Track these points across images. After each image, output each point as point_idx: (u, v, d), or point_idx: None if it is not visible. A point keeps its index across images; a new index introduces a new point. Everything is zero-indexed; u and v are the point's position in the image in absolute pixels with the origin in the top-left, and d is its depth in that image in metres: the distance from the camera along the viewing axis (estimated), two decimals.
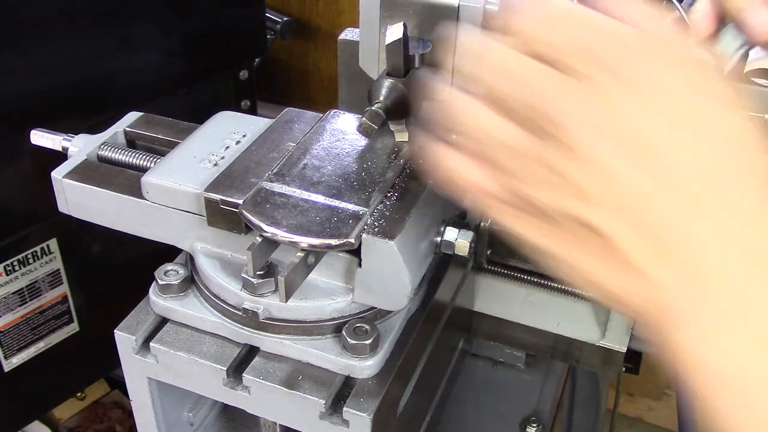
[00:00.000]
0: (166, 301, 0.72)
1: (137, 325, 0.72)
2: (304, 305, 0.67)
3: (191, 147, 0.75)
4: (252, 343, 0.70)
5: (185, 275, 0.72)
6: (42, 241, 1.10)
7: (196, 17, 1.25)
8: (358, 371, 0.66)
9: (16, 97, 1.02)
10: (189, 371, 0.70)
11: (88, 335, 1.22)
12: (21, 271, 1.10)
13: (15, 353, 1.14)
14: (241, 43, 1.36)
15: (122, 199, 0.73)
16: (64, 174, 0.75)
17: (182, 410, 0.83)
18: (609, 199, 0.36)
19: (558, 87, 0.35)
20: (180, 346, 0.70)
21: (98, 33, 1.09)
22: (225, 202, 0.66)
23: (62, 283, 1.16)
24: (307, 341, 0.68)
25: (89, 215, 0.76)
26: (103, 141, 0.80)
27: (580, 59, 0.34)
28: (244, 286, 0.68)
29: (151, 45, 1.19)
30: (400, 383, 0.72)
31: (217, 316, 0.70)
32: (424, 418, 0.86)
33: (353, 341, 0.66)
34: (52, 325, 1.17)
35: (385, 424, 0.68)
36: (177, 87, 1.23)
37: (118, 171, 0.76)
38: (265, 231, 0.61)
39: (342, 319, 0.68)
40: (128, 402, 0.78)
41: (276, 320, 0.68)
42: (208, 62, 1.28)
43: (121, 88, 1.14)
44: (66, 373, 1.25)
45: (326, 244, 0.60)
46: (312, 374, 0.67)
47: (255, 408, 0.70)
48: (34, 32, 1.01)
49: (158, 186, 0.70)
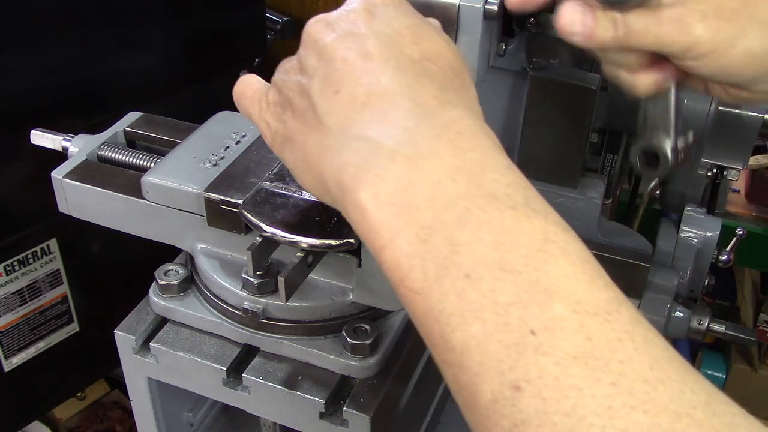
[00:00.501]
0: (166, 301, 0.72)
1: (137, 325, 0.72)
2: (304, 305, 0.67)
3: (191, 147, 0.75)
4: (252, 343, 0.70)
5: (185, 275, 0.72)
6: (42, 241, 1.10)
7: (196, 17, 1.25)
8: (358, 371, 0.66)
9: (16, 97, 1.02)
10: (189, 371, 0.70)
11: (88, 335, 1.22)
12: (21, 271, 1.10)
13: (15, 353, 1.14)
14: (241, 43, 1.36)
15: (122, 199, 0.73)
16: (64, 174, 0.75)
17: (182, 410, 0.83)
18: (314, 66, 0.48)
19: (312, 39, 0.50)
20: (180, 346, 0.70)
21: (98, 33, 1.09)
22: (225, 202, 0.67)
23: (62, 283, 1.16)
24: (307, 341, 0.68)
25: (89, 215, 0.76)
26: (103, 141, 0.80)
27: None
28: (244, 286, 0.68)
29: (152, 45, 1.19)
30: (400, 383, 0.72)
31: (217, 316, 0.70)
32: (424, 418, 0.86)
33: (353, 341, 0.66)
34: (52, 325, 1.17)
35: (385, 424, 0.68)
36: (177, 87, 1.23)
37: (118, 171, 0.76)
38: (265, 231, 0.61)
39: (342, 319, 0.68)
40: (128, 402, 0.78)
41: (276, 320, 0.68)
42: (208, 62, 1.28)
43: (121, 88, 1.14)
44: (66, 373, 1.25)
45: (326, 244, 0.60)
46: (312, 374, 0.67)
47: (255, 408, 0.70)
48: (34, 32, 1.01)
49: (158, 186, 0.70)
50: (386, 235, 0.41)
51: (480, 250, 0.38)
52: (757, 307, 1.83)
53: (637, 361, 0.35)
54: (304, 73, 0.49)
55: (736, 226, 1.25)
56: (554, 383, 0.34)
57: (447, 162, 0.41)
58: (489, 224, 0.38)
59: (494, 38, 0.65)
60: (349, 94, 0.45)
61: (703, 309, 0.72)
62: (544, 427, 0.34)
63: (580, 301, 0.36)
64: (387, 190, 0.41)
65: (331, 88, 0.46)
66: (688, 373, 0.35)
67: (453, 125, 0.43)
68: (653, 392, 0.34)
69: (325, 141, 0.46)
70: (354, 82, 0.46)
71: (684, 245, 0.73)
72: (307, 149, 0.48)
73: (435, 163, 0.41)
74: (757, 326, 1.81)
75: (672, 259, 0.73)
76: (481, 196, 0.40)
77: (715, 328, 0.72)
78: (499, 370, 0.36)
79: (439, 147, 0.42)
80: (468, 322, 0.37)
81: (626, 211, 0.99)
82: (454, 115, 0.44)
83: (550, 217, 0.40)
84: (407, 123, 0.43)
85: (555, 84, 0.70)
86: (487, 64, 0.65)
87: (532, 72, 0.70)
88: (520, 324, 0.36)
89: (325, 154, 0.46)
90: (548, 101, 0.70)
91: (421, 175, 0.41)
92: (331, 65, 0.47)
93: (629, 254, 0.70)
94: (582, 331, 0.35)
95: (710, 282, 0.76)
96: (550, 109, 0.71)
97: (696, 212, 0.75)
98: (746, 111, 0.77)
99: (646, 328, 0.37)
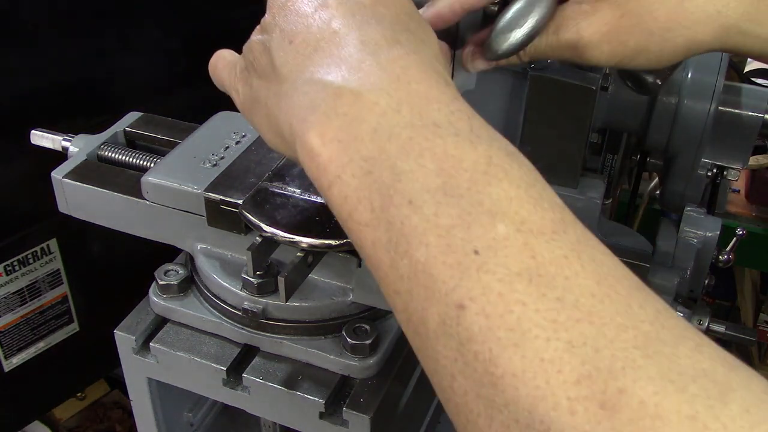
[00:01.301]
0: (166, 301, 0.72)
1: (137, 325, 0.72)
2: (304, 305, 0.67)
3: (191, 147, 0.75)
4: (252, 343, 0.70)
5: (185, 275, 0.72)
6: (42, 241, 1.10)
7: (196, 17, 1.25)
8: (358, 371, 0.66)
9: (16, 97, 1.02)
10: (189, 371, 0.70)
11: (88, 335, 1.22)
12: (21, 271, 1.09)
13: (15, 353, 1.14)
14: (241, 43, 1.36)
15: (122, 199, 0.73)
16: (64, 174, 0.75)
17: (182, 410, 0.83)
18: (273, 23, 0.49)
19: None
20: (180, 347, 0.70)
21: (98, 33, 1.09)
22: (225, 202, 0.67)
23: (62, 283, 1.16)
24: (307, 341, 0.68)
25: (89, 215, 0.76)
26: (103, 141, 0.80)
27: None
28: (244, 286, 0.68)
29: (151, 45, 1.19)
30: (400, 383, 0.72)
31: (217, 316, 0.70)
32: (424, 418, 0.86)
33: (353, 341, 0.66)
34: (52, 325, 1.17)
35: (385, 424, 0.68)
36: (177, 87, 1.23)
37: (118, 171, 0.76)
38: (265, 231, 0.61)
39: (342, 319, 0.68)
40: (128, 402, 0.78)
41: (276, 320, 0.68)
42: (208, 62, 1.27)
43: (121, 88, 1.14)
44: (66, 373, 1.25)
45: (326, 244, 0.60)
46: (312, 374, 0.67)
47: (255, 408, 0.70)
48: (35, 32, 1.01)
49: (158, 186, 0.70)
50: (333, 171, 0.41)
51: (423, 177, 0.38)
52: (757, 307, 1.83)
53: (582, 277, 0.35)
54: (264, 32, 0.50)
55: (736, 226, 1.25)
56: (497, 299, 0.34)
57: (391, 95, 0.41)
58: (432, 151, 0.39)
59: None
60: (303, 42, 0.46)
61: (703, 309, 0.72)
62: (489, 342, 0.34)
63: (525, 221, 0.36)
64: (333, 127, 0.41)
65: (286, 39, 0.48)
66: (637, 289, 0.35)
67: (399, 60, 0.43)
68: (599, 305, 0.34)
69: (281, 90, 0.47)
70: (306, 30, 0.47)
71: (684, 245, 0.73)
72: (267, 103, 0.48)
73: (379, 96, 0.41)
74: (757, 326, 1.81)
75: (672, 259, 0.73)
76: (425, 126, 0.40)
77: (715, 328, 0.72)
78: (443, 292, 0.36)
79: (384, 80, 0.42)
80: (413, 247, 0.37)
81: (626, 211, 0.99)
82: (401, 51, 0.44)
83: (495, 143, 0.40)
84: (353, 61, 0.44)
85: (555, 84, 0.70)
86: None
87: (532, 72, 0.70)
88: (462, 244, 0.36)
89: (280, 103, 0.47)
90: (548, 101, 0.70)
91: (366, 108, 0.41)
92: (287, 19, 0.48)
93: (629, 254, 0.70)
94: (526, 249, 0.35)
95: (710, 282, 0.76)
96: (550, 109, 0.71)
97: (696, 212, 0.75)
98: (746, 111, 0.77)
99: (593, 248, 0.37)
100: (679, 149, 0.76)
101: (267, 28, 0.51)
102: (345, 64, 0.44)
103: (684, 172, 0.78)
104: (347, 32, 0.45)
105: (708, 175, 0.79)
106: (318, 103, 0.43)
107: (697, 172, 0.78)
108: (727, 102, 0.76)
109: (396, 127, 0.40)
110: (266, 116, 0.49)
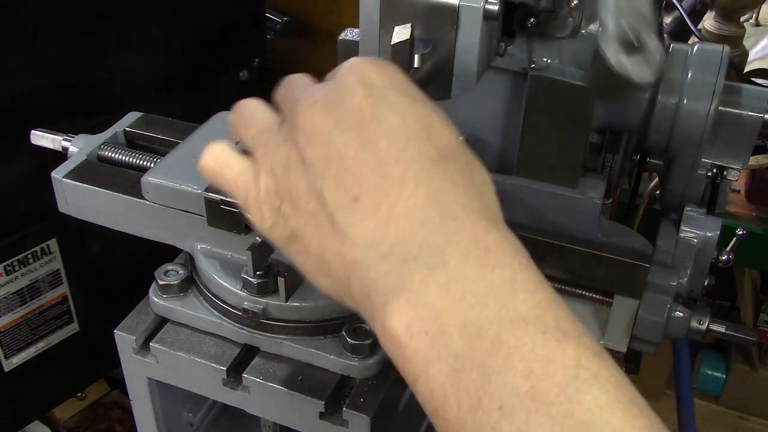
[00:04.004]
0: (166, 301, 0.72)
1: (137, 325, 0.72)
2: (304, 305, 0.67)
3: (191, 147, 0.75)
4: (252, 343, 0.70)
5: (185, 275, 0.72)
6: (42, 241, 1.10)
7: (196, 17, 1.25)
8: (358, 371, 0.66)
9: (16, 97, 1.02)
10: (189, 371, 0.70)
11: (88, 335, 1.22)
12: (21, 271, 1.09)
13: (15, 353, 1.14)
14: (241, 43, 1.36)
15: (122, 199, 0.73)
16: (64, 174, 0.75)
17: (182, 410, 0.83)
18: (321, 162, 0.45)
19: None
20: (180, 347, 0.70)
21: (98, 33, 1.09)
22: (225, 202, 0.67)
23: (62, 283, 1.16)
24: (307, 341, 0.68)
25: (89, 215, 0.76)
26: (103, 141, 0.80)
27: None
28: (244, 286, 0.68)
29: (152, 45, 1.19)
30: (400, 383, 0.71)
31: (217, 316, 0.70)
32: (423, 418, 0.86)
33: (353, 341, 0.66)
34: (52, 325, 1.17)
35: (385, 424, 0.68)
36: (177, 87, 1.23)
37: (118, 171, 0.76)
38: None
39: (342, 319, 0.68)
40: (128, 402, 0.78)
41: (276, 320, 0.68)
42: (208, 62, 1.28)
43: (121, 88, 1.14)
44: (66, 373, 1.25)
45: None
46: (312, 374, 0.67)
47: (255, 408, 0.70)
48: (35, 32, 1.01)
49: (158, 186, 0.70)
50: (420, 365, 0.41)
51: (512, 379, 0.38)
52: (757, 307, 1.83)
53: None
54: (308, 167, 0.45)
55: (736, 226, 1.25)
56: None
57: (477, 283, 0.40)
58: (520, 351, 0.38)
59: (494, 38, 0.65)
60: (371, 204, 0.43)
61: (703, 309, 0.72)
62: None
63: (616, 431, 0.36)
64: (419, 318, 0.40)
65: (347, 193, 0.43)
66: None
67: (481, 241, 0.42)
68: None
69: (350, 253, 0.43)
70: (374, 189, 0.43)
71: (684, 245, 0.73)
72: (324, 256, 0.45)
73: (465, 287, 0.40)
74: (757, 326, 1.82)
75: (672, 259, 0.73)
76: (512, 320, 0.39)
77: (715, 328, 0.72)
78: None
79: (469, 267, 0.41)
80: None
81: (626, 211, 0.99)
82: (481, 229, 0.42)
83: (582, 340, 0.40)
84: (437, 241, 0.42)
85: (555, 84, 0.70)
86: (487, 65, 0.65)
87: (532, 72, 0.70)
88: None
89: (351, 269, 0.44)
90: (548, 101, 0.70)
91: (453, 301, 0.40)
92: (342, 164, 0.44)
93: (629, 254, 0.70)
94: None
95: (710, 282, 0.76)
96: (550, 109, 0.71)
97: (696, 212, 0.75)
98: (746, 111, 0.77)
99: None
100: (679, 149, 0.76)
101: (311, 162, 0.45)
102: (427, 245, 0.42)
103: (684, 172, 0.78)
104: (424, 202, 0.42)
105: (708, 175, 0.79)
106: (402, 288, 0.41)
107: (697, 172, 0.78)
108: (727, 102, 0.75)
109: (485, 321, 0.39)
110: (320, 266, 0.45)
